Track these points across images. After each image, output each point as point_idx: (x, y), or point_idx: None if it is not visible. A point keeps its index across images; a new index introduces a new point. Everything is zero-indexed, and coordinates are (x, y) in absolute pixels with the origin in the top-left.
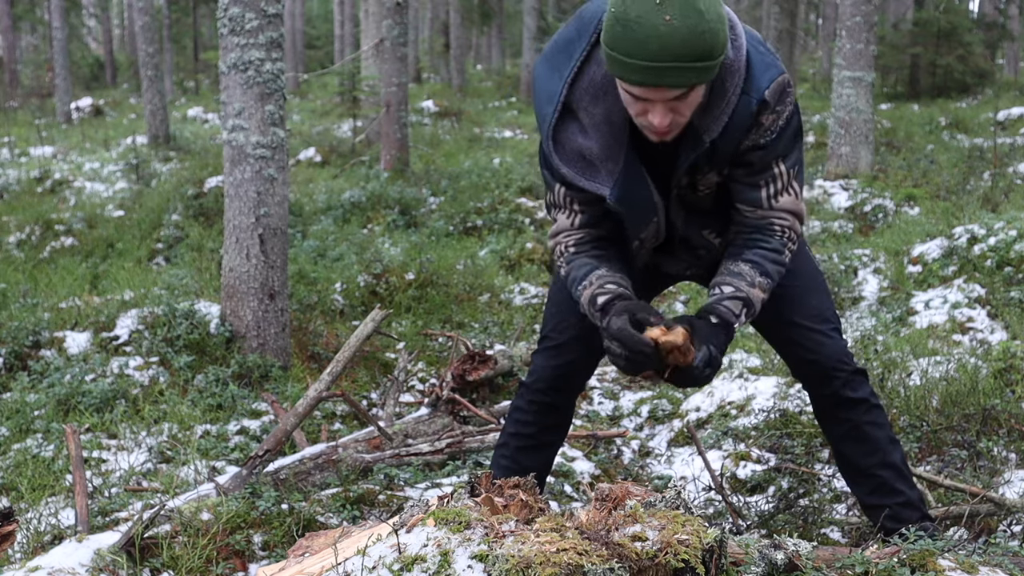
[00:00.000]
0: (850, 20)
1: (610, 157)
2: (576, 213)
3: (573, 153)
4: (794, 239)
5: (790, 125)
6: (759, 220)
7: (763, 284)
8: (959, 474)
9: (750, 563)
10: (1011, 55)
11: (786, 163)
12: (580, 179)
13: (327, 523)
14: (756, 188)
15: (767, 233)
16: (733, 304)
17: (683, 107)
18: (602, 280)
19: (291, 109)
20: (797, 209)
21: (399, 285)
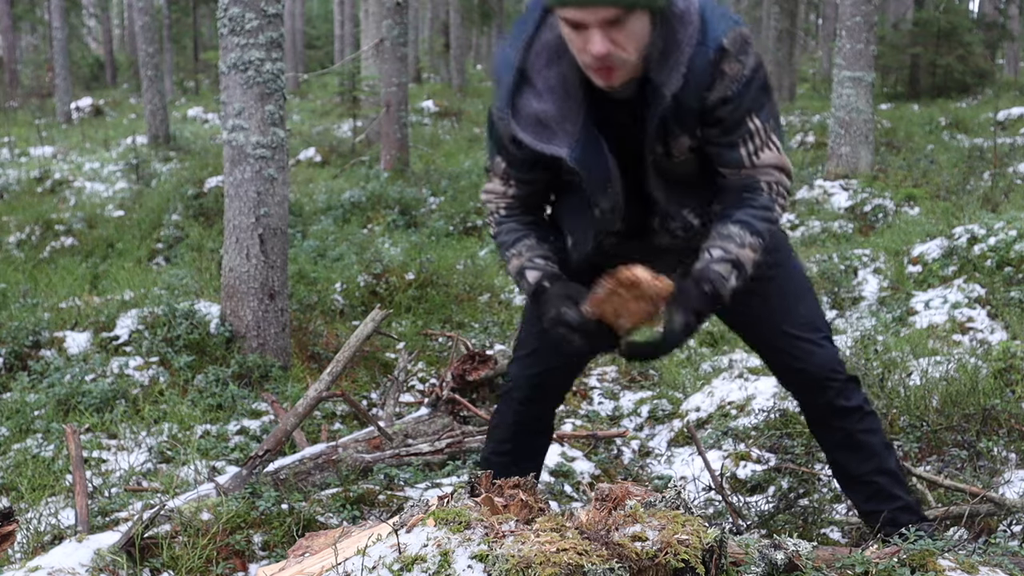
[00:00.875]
0: (850, 20)
1: (567, 119)
2: (511, 186)
3: (530, 118)
4: (783, 194)
5: (756, 76)
6: (744, 180)
7: (754, 244)
8: (959, 474)
9: (750, 563)
10: (1011, 55)
11: (760, 117)
12: (538, 143)
13: (327, 523)
14: (734, 147)
15: (754, 191)
16: (722, 267)
17: (622, 38)
18: (531, 253)
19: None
20: (781, 163)
21: (399, 285)
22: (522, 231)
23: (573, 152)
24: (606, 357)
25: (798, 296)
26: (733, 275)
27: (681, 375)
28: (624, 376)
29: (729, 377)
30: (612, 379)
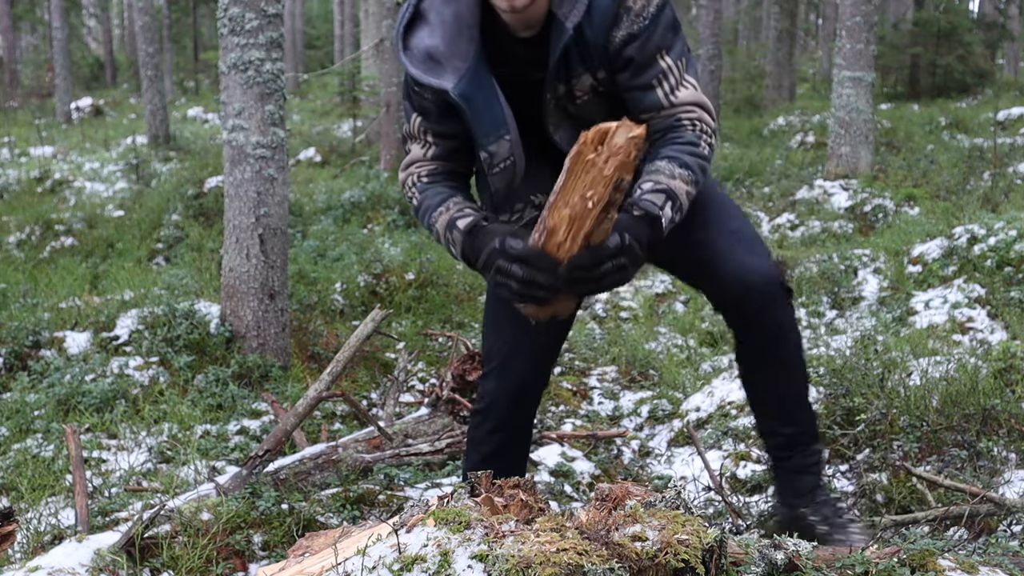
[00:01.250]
0: (850, 20)
1: (456, 55)
2: (430, 145)
3: (421, 54)
4: (708, 132)
5: (662, 14)
6: (666, 121)
7: (685, 176)
8: (959, 474)
9: (750, 563)
10: (1011, 55)
11: (671, 56)
12: (427, 76)
13: (327, 523)
14: (650, 90)
15: (677, 129)
16: (654, 196)
17: None
18: (459, 205)
19: (291, 109)
20: (700, 101)
21: (399, 285)
22: (448, 192)
23: (457, 86)
24: (605, 357)
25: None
26: (668, 206)
27: (681, 375)
28: (624, 376)
29: (729, 377)
30: (612, 379)
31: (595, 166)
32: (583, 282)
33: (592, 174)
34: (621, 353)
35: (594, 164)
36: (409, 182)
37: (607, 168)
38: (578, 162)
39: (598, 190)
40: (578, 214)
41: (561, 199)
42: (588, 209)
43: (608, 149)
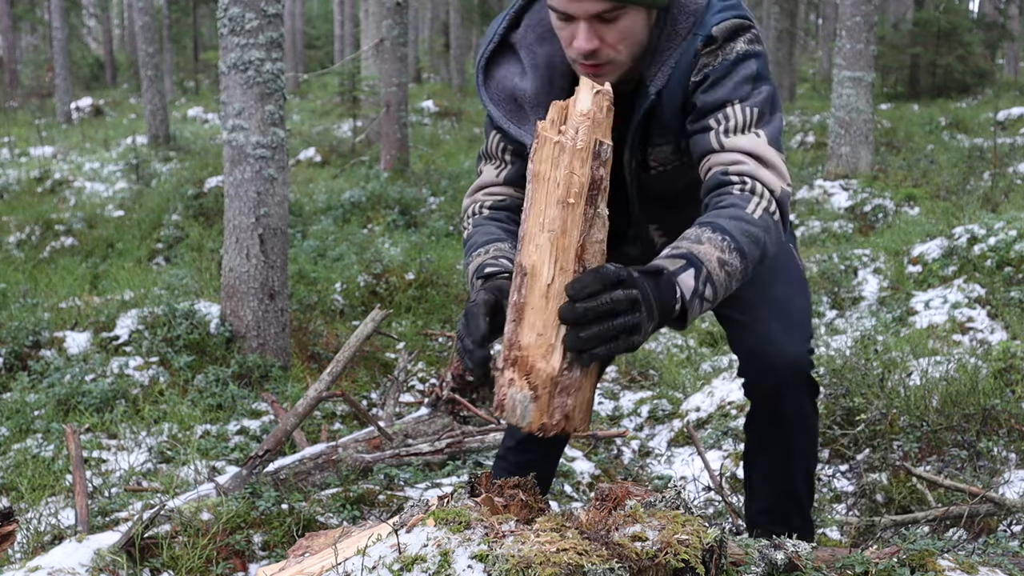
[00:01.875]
0: (850, 20)
1: (544, 104)
2: (506, 164)
3: (505, 92)
4: (761, 192)
5: (742, 63)
6: (714, 175)
7: (716, 240)
8: (959, 474)
9: (750, 563)
10: (1011, 55)
11: (745, 104)
12: (505, 122)
13: (327, 523)
14: (707, 131)
15: (721, 192)
16: (668, 262)
17: (612, 34)
18: (499, 253)
19: (291, 109)
20: (761, 153)
21: (399, 285)
22: (498, 235)
23: None
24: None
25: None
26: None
27: (681, 375)
28: (624, 376)
29: (729, 377)
30: (612, 379)
31: (564, 148)
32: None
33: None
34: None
35: (563, 146)
36: (470, 211)
37: (579, 140)
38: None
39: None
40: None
41: (533, 222)
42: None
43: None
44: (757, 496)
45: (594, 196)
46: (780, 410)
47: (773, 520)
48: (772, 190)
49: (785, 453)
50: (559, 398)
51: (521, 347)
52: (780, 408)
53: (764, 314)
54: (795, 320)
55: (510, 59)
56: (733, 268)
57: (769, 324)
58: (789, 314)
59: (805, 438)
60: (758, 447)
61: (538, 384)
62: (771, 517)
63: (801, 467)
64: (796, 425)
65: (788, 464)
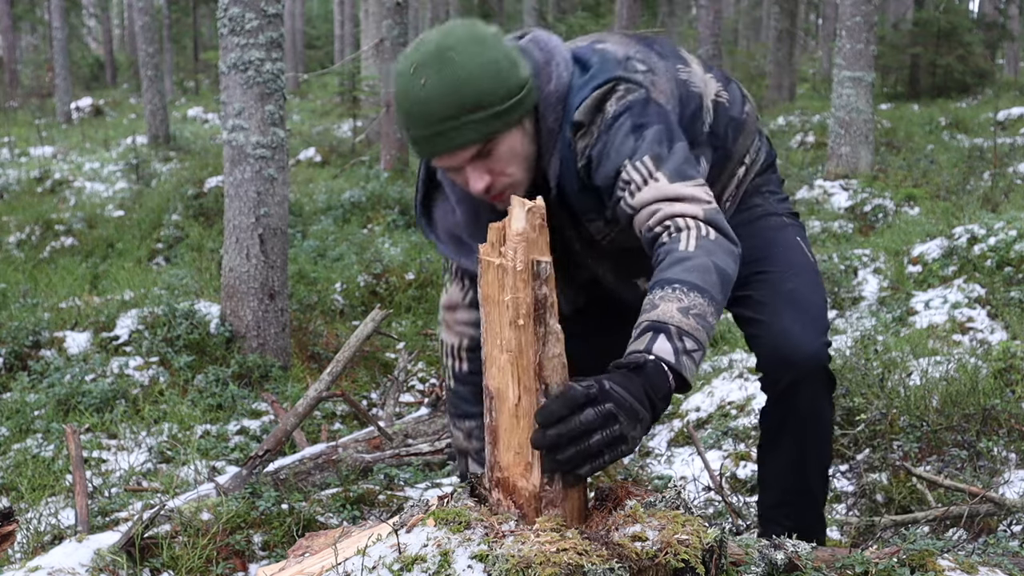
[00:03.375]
0: (850, 20)
1: (479, 234)
2: (467, 289)
3: (447, 233)
4: (687, 224)
5: (614, 128)
6: (644, 236)
7: (668, 295)
8: (959, 474)
9: (750, 563)
10: (1011, 55)
11: (633, 161)
12: (458, 258)
13: (327, 523)
14: (620, 202)
15: (656, 246)
16: (636, 344)
17: (496, 164)
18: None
19: (291, 109)
20: (667, 193)
21: (399, 285)
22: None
23: None
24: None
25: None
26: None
27: None
28: None
29: (729, 377)
30: None
31: (507, 270)
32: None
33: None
34: None
35: (505, 269)
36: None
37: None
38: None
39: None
40: (516, 347)
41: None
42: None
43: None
44: (770, 491)
45: (541, 315)
46: (797, 404)
47: (787, 515)
48: (694, 216)
49: (800, 448)
50: (547, 512)
51: (501, 468)
52: (797, 402)
53: (779, 309)
54: (811, 314)
55: (439, 198)
56: (700, 307)
57: (784, 319)
58: (805, 308)
59: (821, 432)
60: (773, 441)
61: (523, 503)
62: (785, 512)
63: (816, 462)
64: (812, 419)
65: (803, 459)
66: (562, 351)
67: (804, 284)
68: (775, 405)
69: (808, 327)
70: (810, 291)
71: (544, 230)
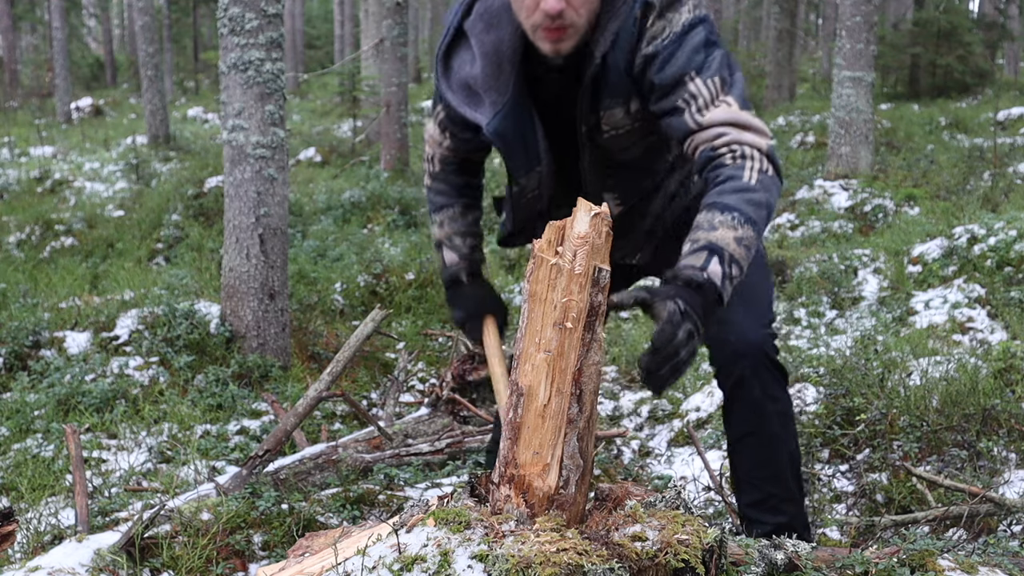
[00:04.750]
0: (850, 20)
1: (495, 88)
2: (445, 138)
3: (460, 82)
4: (750, 155)
5: (688, 35)
6: (702, 153)
7: (728, 221)
8: (959, 474)
9: (750, 563)
10: (1011, 55)
11: (702, 77)
12: (463, 107)
13: (327, 523)
14: (678, 113)
15: (716, 165)
16: (693, 259)
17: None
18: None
19: (291, 109)
20: (738, 119)
21: (399, 285)
22: (450, 197)
23: (491, 123)
24: (605, 357)
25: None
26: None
27: None
28: (624, 376)
29: None
30: (612, 379)
31: (562, 271)
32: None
33: (562, 283)
34: (621, 353)
35: (560, 269)
36: (427, 154)
37: (577, 264)
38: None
39: (575, 297)
40: (557, 350)
41: (529, 341)
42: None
43: (571, 244)
44: (745, 490)
45: (592, 322)
46: (751, 396)
47: (765, 511)
48: (759, 148)
49: (763, 440)
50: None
51: (518, 465)
52: (751, 394)
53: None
54: (756, 306)
55: (464, 48)
56: (749, 239)
57: (734, 311)
58: (752, 299)
59: (780, 421)
60: (737, 438)
61: (535, 503)
62: (762, 508)
63: (783, 452)
64: (769, 409)
65: (769, 451)
66: (601, 359)
67: (756, 276)
68: (731, 401)
69: (753, 319)
70: (757, 282)
71: (609, 239)
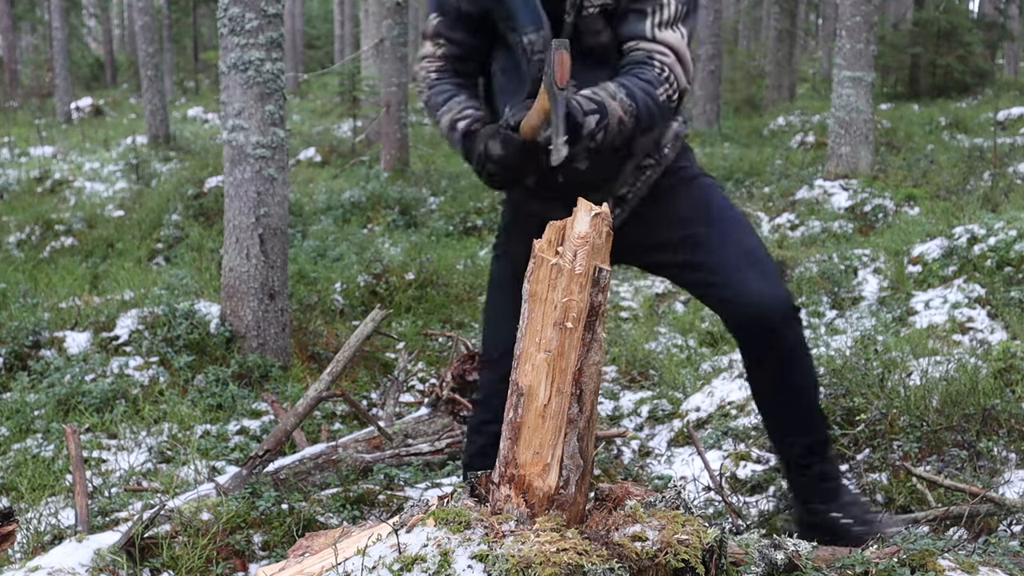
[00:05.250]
0: (850, 20)
1: None
2: (440, 46)
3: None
4: (672, 81)
5: None
6: (639, 55)
7: (625, 103)
8: (959, 474)
9: (750, 563)
10: (1011, 55)
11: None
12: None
13: (327, 523)
14: (641, 16)
15: (644, 67)
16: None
17: None
18: (462, 106)
19: (291, 109)
20: (681, 50)
21: (399, 285)
22: (453, 91)
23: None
24: (605, 357)
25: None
26: (594, 117)
27: (681, 375)
28: (624, 376)
29: (729, 377)
30: (612, 379)
31: (562, 271)
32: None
33: (562, 283)
34: (621, 353)
35: (560, 269)
36: (420, 76)
37: (578, 264)
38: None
39: (575, 297)
40: (558, 350)
41: (530, 341)
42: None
43: (572, 244)
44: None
45: (592, 322)
46: (779, 346)
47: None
48: (680, 83)
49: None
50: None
51: (518, 464)
52: (778, 345)
53: (736, 266)
54: (766, 265)
55: None
56: (626, 125)
57: (746, 274)
58: (760, 259)
59: (806, 357)
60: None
61: (535, 503)
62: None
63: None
64: (802, 352)
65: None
66: (602, 359)
67: (749, 240)
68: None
69: (770, 277)
70: (756, 245)
71: (609, 239)
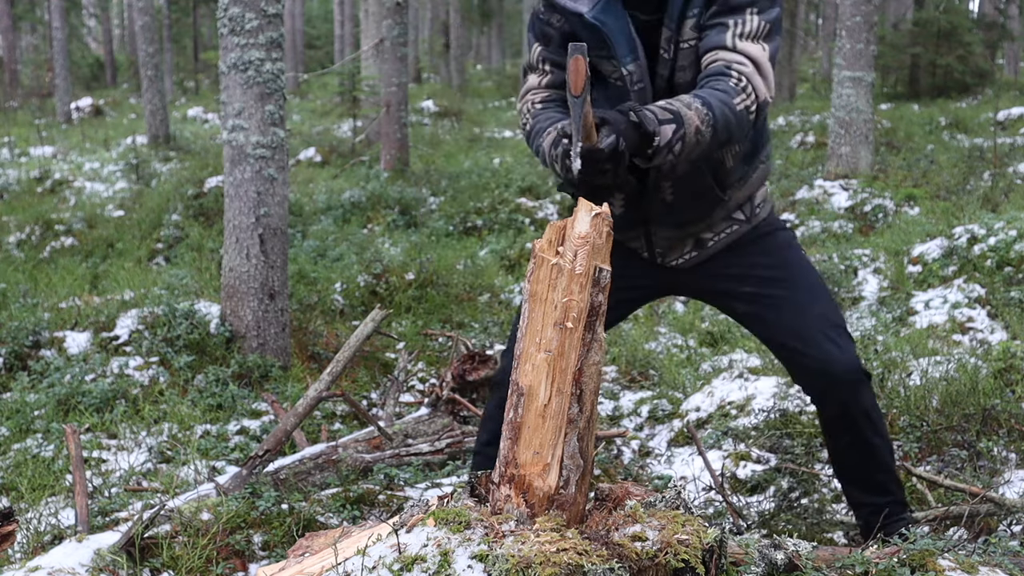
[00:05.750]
0: (850, 20)
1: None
2: (546, 74)
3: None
4: (751, 92)
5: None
6: (718, 66)
7: (701, 112)
8: (959, 474)
9: (750, 563)
10: (1011, 55)
11: (760, 17)
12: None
13: (327, 523)
14: (723, 28)
15: (722, 77)
16: (659, 111)
17: None
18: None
19: (291, 109)
20: (760, 60)
21: (399, 285)
22: (558, 116)
23: (592, 11)
24: (605, 357)
25: (812, 294)
26: (670, 128)
27: (681, 375)
28: (624, 376)
29: (729, 377)
30: (612, 379)
31: (562, 271)
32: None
33: (562, 283)
34: (621, 353)
35: (560, 269)
36: (524, 109)
37: (578, 264)
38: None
39: (575, 297)
40: (558, 350)
41: (530, 341)
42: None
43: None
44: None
45: (592, 322)
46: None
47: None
48: (759, 95)
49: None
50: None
51: (518, 465)
52: (849, 409)
53: (811, 336)
54: (840, 331)
55: None
56: (703, 136)
57: (825, 345)
58: (833, 326)
59: (877, 418)
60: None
61: (535, 503)
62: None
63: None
64: (869, 416)
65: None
66: (602, 360)
67: (825, 305)
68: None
69: (842, 343)
70: (831, 310)
71: (609, 239)
